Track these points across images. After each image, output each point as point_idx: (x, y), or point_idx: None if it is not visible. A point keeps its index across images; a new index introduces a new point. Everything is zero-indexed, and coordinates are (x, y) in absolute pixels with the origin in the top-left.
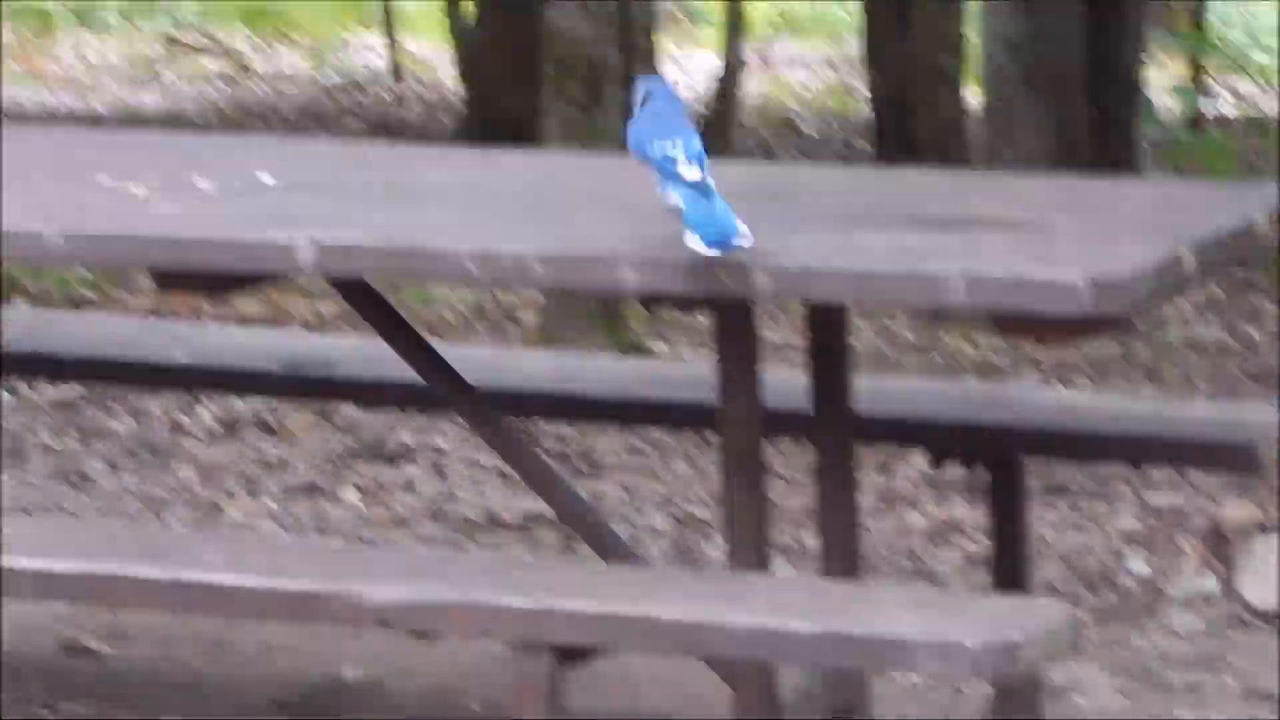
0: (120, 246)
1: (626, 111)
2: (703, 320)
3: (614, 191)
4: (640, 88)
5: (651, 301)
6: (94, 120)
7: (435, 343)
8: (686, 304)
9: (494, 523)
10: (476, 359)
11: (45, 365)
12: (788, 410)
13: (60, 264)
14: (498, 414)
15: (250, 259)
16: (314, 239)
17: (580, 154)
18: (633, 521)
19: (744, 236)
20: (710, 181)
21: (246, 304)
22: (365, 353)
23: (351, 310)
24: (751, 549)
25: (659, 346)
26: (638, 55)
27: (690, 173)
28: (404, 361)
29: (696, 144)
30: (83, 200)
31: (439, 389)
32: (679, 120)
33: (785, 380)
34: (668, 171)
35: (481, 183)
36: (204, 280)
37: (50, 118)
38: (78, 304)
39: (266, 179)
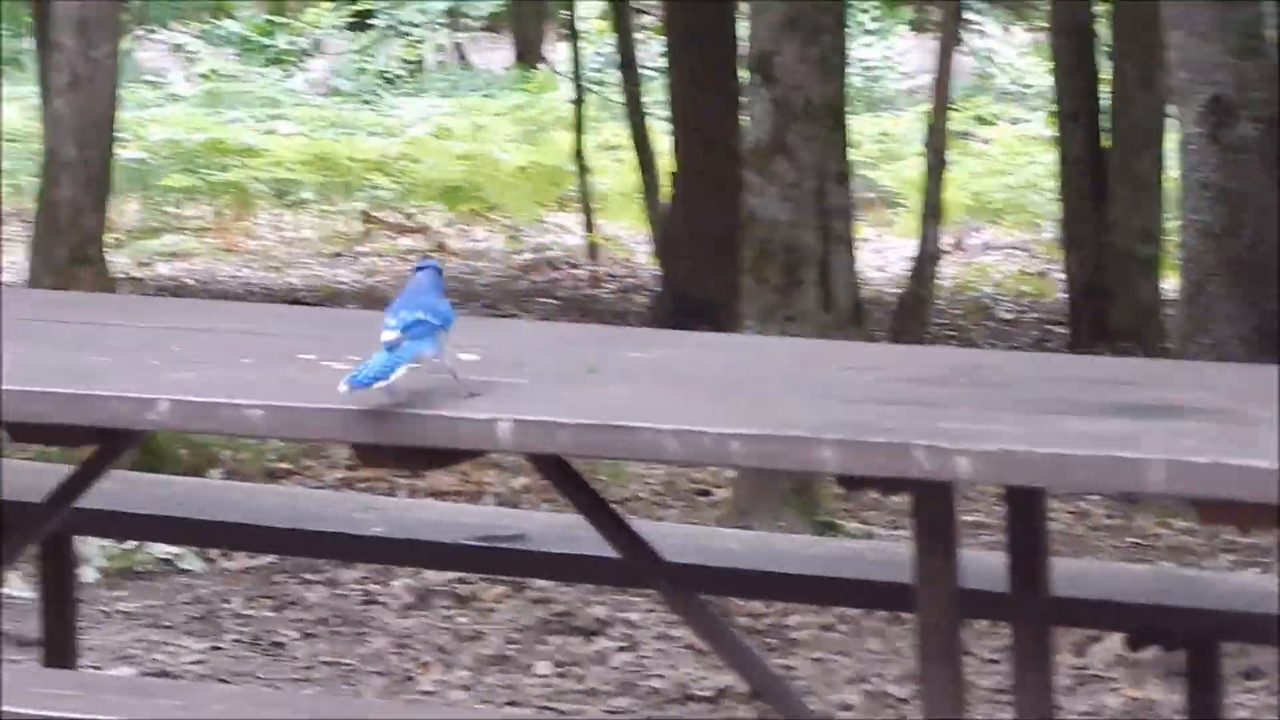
0: (321, 421)
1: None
2: (894, 500)
3: (812, 374)
4: (414, 270)
5: (851, 483)
6: (291, 295)
7: (628, 519)
8: (887, 485)
9: (686, 696)
10: (671, 535)
11: (243, 535)
12: (984, 590)
13: (262, 437)
14: (693, 590)
15: (451, 435)
16: (514, 416)
17: (777, 337)
18: (825, 698)
19: (383, 383)
20: (403, 342)
21: (440, 477)
22: (560, 527)
23: (544, 484)
24: None
25: (851, 525)
26: (835, 240)
27: (386, 334)
28: (599, 536)
29: (409, 315)
30: (284, 375)
31: (635, 564)
32: (419, 296)
33: (981, 560)
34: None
35: (679, 363)
36: (404, 455)
37: (248, 293)
38: (274, 476)
39: (467, 356)
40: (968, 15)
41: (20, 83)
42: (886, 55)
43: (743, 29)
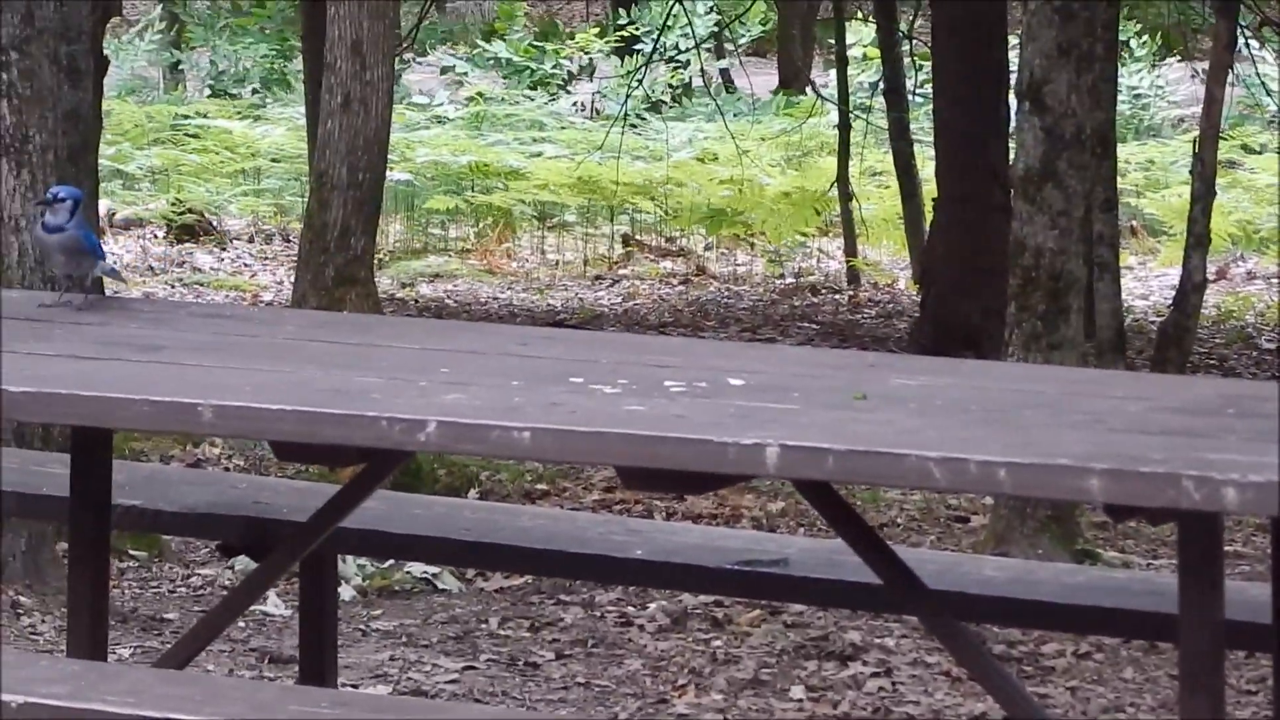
0: (590, 444)
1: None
2: (1152, 529)
3: (1077, 403)
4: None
5: (1118, 512)
6: (553, 317)
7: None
8: (1154, 515)
9: None
10: (930, 561)
11: (502, 556)
12: (1245, 621)
13: (527, 459)
14: (953, 617)
15: (718, 459)
16: (781, 441)
17: (1042, 365)
18: None
19: None
20: None
21: (698, 501)
22: (819, 552)
23: (802, 508)
24: None
25: (1109, 554)
26: (1101, 268)
27: None
28: (858, 562)
29: None
30: (552, 397)
31: (896, 591)
32: None
33: (1243, 591)
34: None
35: (944, 390)
36: (670, 479)
37: (510, 314)
38: (531, 497)
39: (734, 381)
40: (1240, 43)
41: (288, 104)
42: (1155, 83)
43: (1011, 56)
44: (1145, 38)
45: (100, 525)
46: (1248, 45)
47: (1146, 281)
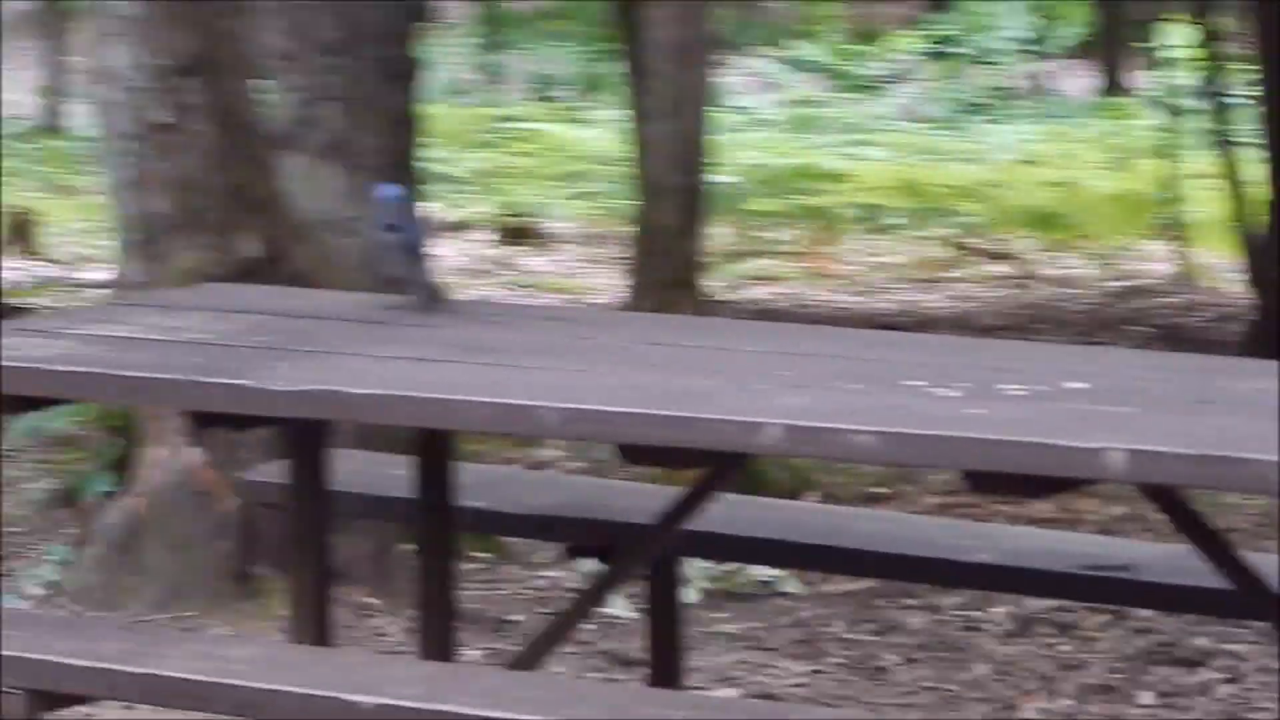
0: (934, 447)
1: None
2: None
3: None
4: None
5: None
6: (883, 321)
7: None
8: None
9: None
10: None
11: (846, 559)
12: None
13: (873, 463)
14: None
15: (1062, 464)
16: (1127, 446)
17: None
18: None
19: None
20: None
21: (1038, 504)
22: (1166, 557)
23: (1142, 513)
24: None
25: None
26: None
27: None
28: (1204, 567)
29: None
30: (893, 401)
31: (1245, 596)
32: None
33: None
34: None
35: None
36: (1015, 483)
37: (839, 318)
38: (869, 500)
39: (1073, 385)
40: None
41: (609, 106)
42: None
43: None
44: None
45: (446, 527)
46: None
47: None
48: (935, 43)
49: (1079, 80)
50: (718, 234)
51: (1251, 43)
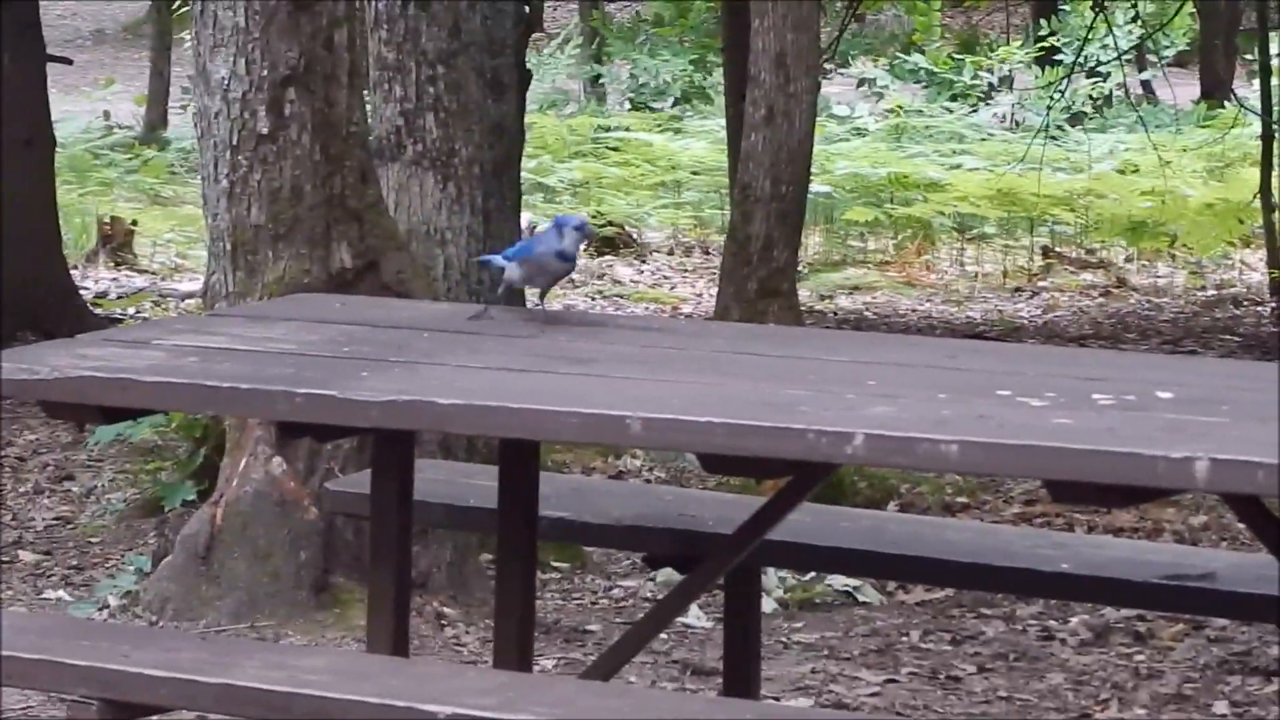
0: (1018, 457)
1: None
2: None
3: None
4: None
5: None
6: (972, 329)
7: None
8: None
9: None
10: None
11: (926, 569)
12: None
13: (955, 472)
14: None
15: (1147, 473)
16: (1212, 455)
17: None
18: None
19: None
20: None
21: (1119, 514)
22: (1248, 566)
23: (1225, 522)
24: None
25: None
26: None
27: None
28: None
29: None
30: (980, 410)
31: None
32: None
33: None
34: None
35: None
36: (1098, 492)
37: (929, 326)
38: (950, 510)
39: (1162, 394)
40: None
41: (707, 116)
42: None
43: None
44: None
45: (528, 536)
46: None
47: None
48: (1039, 52)
49: (1181, 89)
50: (811, 243)
51: None
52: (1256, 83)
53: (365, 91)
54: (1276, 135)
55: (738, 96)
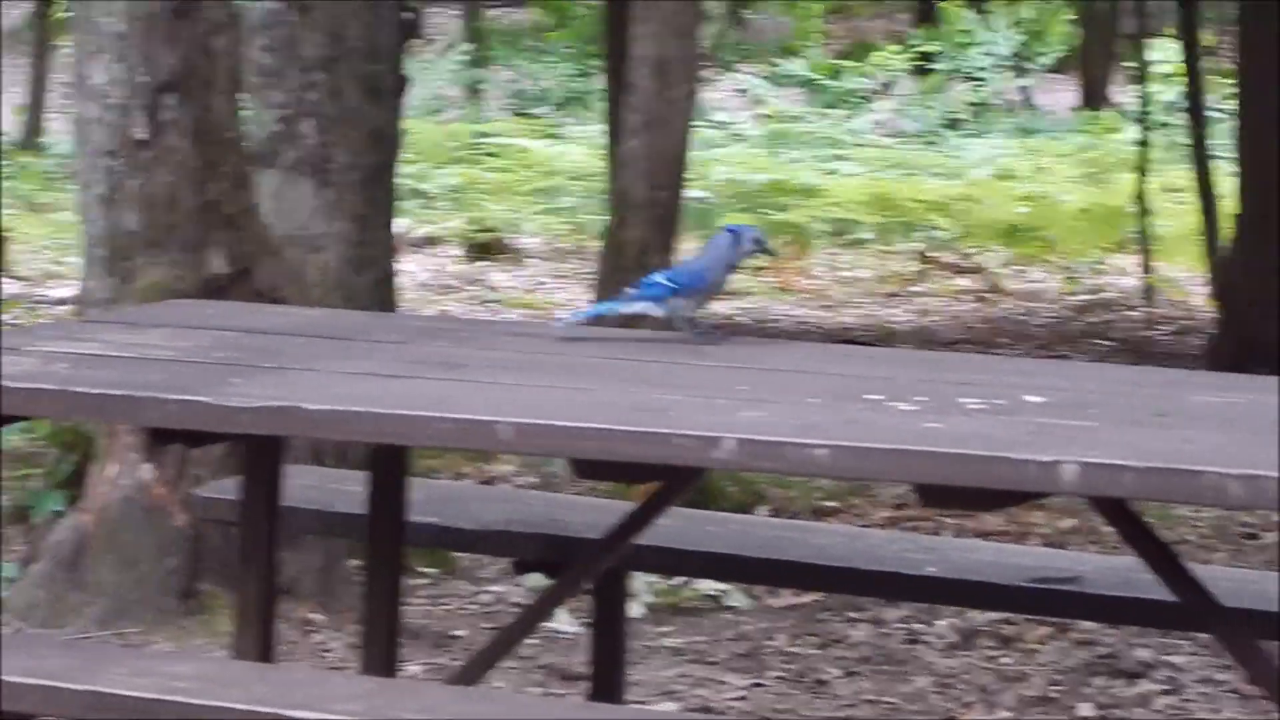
0: (887, 461)
1: None
2: None
3: None
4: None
5: None
6: (846, 335)
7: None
8: None
9: None
10: (1224, 578)
11: (795, 573)
12: None
13: (824, 476)
14: (1250, 635)
15: (1016, 477)
16: (1079, 459)
17: None
18: None
19: (583, 319)
20: (631, 297)
21: (987, 517)
22: (1113, 569)
23: (1092, 526)
24: None
25: None
26: None
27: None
28: (1151, 579)
29: (658, 277)
30: (850, 415)
31: (1192, 608)
32: (689, 262)
33: None
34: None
35: (1245, 408)
36: (967, 496)
37: (803, 331)
38: (820, 514)
39: (1031, 398)
40: None
41: (586, 122)
42: None
43: None
44: None
45: (396, 542)
46: None
47: None
48: (918, 58)
49: (1059, 95)
50: (688, 249)
51: (1230, 58)
52: (1135, 88)
53: (243, 97)
54: (1153, 141)
55: (615, 102)
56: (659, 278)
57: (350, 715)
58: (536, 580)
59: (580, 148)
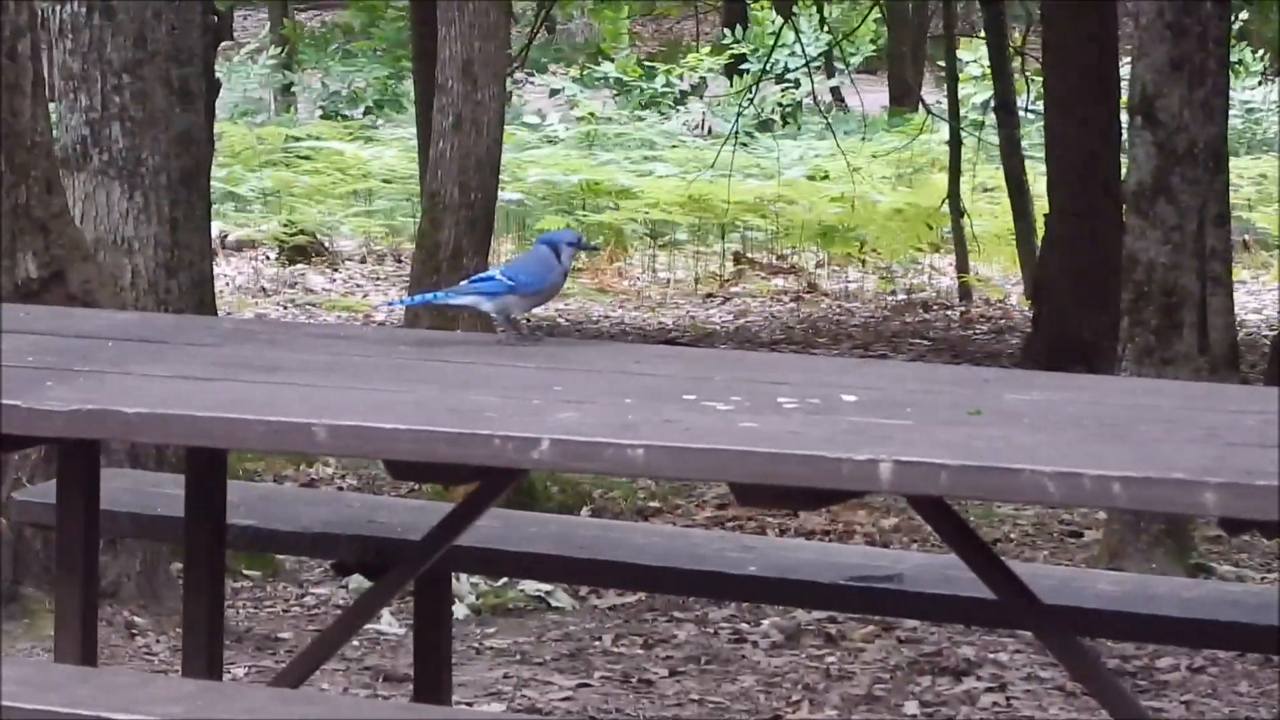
0: (703, 461)
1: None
2: (1268, 542)
3: (1194, 417)
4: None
5: (1234, 526)
6: (664, 335)
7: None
8: (1269, 529)
9: None
10: (1045, 576)
11: (618, 573)
12: None
13: (641, 476)
14: (1069, 632)
15: (832, 476)
16: (895, 457)
17: (1156, 380)
18: None
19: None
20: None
21: (810, 516)
22: (933, 568)
23: (914, 524)
24: None
25: (1224, 568)
26: (1214, 282)
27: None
28: (972, 577)
29: (493, 272)
30: (666, 415)
31: (1011, 606)
32: (523, 261)
33: None
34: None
35: (1058, 405)
36: (784, 495)
37: (622, 333)
38: (644, 514)
39: (848, 397)
40: None
41: (399, 125)
42: (1268, 97)
43: (1123, 72)
44: (1260, 52)
45: (216, 545)
46: None
47: (1259, 296)
48: (729, 59)
49: (871, 96)
50: (504, 251)
51: (1038, 58)
52: (945, 88)
53: (50, 102)
54: (964, 141)
55: (427, 105)
56: (497, 274)
57: (172, 718)
58: (359, 582)
59: (393, 150)
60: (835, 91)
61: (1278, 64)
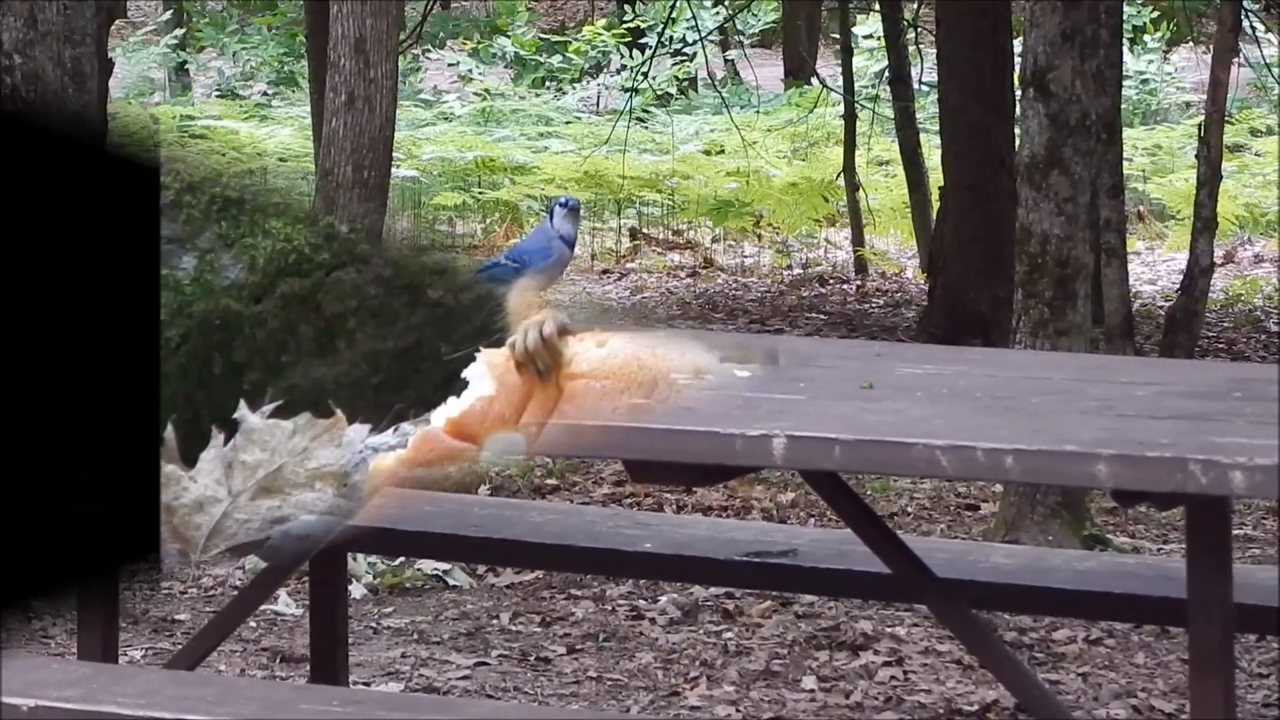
0: (594, 437)
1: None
2: (1161, 515)
3: (1085, 389)
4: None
5: (1126, 497)
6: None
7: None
8: (1162, 500)
9: (952, 711)
10: (940, 550)
11: (513, 552)
12: (1255, 605)
13: (539, 455)
14: (964, 605)
15: (725, 451)
16: (789, 432)
17: (1050, 352)
18: (1092, 713)
19: None
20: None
21: (708, 493)
22: (829, 542)
23: (811, 499)
24: None
25: (1119, 539)
26: (1108, 254)
27: None
28: (867, 551)
29: (500, 257)
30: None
31: (906, 580)
32: (530, 238)
33: (1251, 574)
34: None
35: (952, 378)
36: (678, 471)
37: None
38: (541, 492)
39: (741, 373)
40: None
41: (295, 103)
42: (1163, 69)
43: (1016, 43)
44: (1161, 24)
45: None
46: (1253, 28)
47: (1154, 266)
48: (626, 35)
49: (766, 69)
50: (398, 228)
51: (931, 30)
52: (840, 62)
53: None
54: (859, 114)
55: (321, 83)
56: (502, 258)
57: (69, 702)
58: (255, 563)
59: (289, 129)
60: (731, 65)
61: (1175, 37)
